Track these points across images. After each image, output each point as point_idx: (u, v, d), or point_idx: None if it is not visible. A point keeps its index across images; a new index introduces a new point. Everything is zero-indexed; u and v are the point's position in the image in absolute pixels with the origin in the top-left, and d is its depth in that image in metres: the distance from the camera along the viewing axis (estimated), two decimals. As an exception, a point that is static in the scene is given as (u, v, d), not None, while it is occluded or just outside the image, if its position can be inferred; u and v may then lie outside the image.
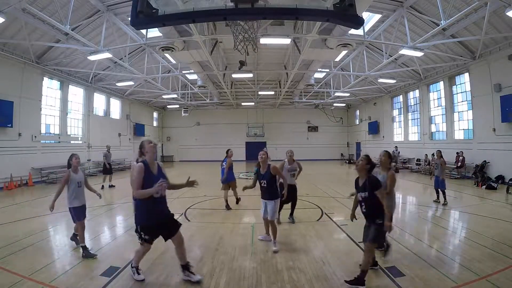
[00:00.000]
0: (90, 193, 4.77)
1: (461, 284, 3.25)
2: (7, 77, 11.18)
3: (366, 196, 3.35)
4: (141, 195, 3.12)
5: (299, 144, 26.20)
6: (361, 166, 3.45)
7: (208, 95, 23.59)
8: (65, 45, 11.33)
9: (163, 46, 11.83)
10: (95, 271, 3.68)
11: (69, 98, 15.40)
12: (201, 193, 9.10)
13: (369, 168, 3.44)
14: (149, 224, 3.27)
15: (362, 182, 3.44)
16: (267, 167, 4.53)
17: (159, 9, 2.44)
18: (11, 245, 4.58)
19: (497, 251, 4.20)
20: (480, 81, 12.40)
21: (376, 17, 11.77)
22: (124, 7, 10.50)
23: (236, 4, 2.48)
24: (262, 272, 3.69)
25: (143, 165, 3.19)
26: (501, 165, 11.19)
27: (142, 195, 3.11)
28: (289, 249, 4.47)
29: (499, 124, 11.33)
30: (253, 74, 17.92)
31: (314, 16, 3.12)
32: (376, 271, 3.63)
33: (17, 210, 7.40)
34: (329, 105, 26.11)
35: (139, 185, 3.14)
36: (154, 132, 26.90)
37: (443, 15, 8.89)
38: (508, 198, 8.55)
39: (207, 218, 6.59)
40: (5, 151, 11.08)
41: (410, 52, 11.17)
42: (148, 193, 3.10)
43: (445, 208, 7.35)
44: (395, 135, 20.64)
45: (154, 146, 3.37)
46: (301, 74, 17.52)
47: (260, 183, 4.58)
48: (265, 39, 11.01)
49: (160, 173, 3.35)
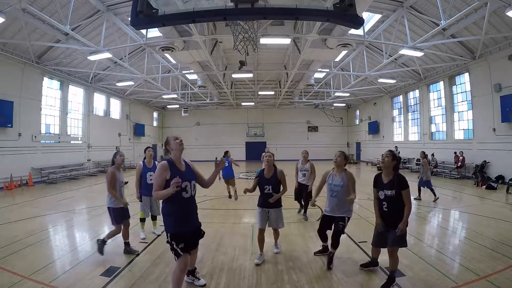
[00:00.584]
0: (90, 193, 4.77)
1: (461, 284, 3.25)
2: (7, 77, 11.18)
3: (392, 194, 3.18)
4: (159, 196, 2.74)
5: (299, 144, 26.14)
6: (387, 163, 3.29)
7: (208, 95, 23.59)
8: (65, 45, 11.33)
9: (163, 46, 11.83)
10: (95, 271, 3.68)
11: (69, 98, 15.39)
12: (201, 193, 9.09)
13: (396, 164, 3.29)
14: (182, 231, 2.81)
15: (388, 180, 3.27)
16: (274, 171, 4.04)
17: (159, 9, 2.43)
18: (11, 245, 4.58)
19: (497, 251, 4.20)
20: (480, 81, 12.40)
21: (376, 17, 11.77)
22: (124, 7, 10.50)
23: (236, 4, 2.48)
24: (262, 272, 3.69)
25: (167, 163, 2.80)
26: (501, 165, 11.19)
27: (160, 196, 2.73)
28: (289, 249, 4.47)
29: (499, 124, 11.34)
30: (253, 74, 17.91)
31: (314, 16, 3.11)
32: (376, 271, 3.63)
33: (17, 210, 7.39)
34: (329, 105, 26.12)
35: (159, 186, 2.73)
36: (154, 132, 26.92)
37: (443, 15, 8.89)
38: (508, 198, 8.55)
39: (207, 218, 6.59)
40: (5, 151, 11.08)
41: (410, 52, 11.16)
42: (165, 195, 2.68)
43: (445, 208, 7.35)
44: (395, 135, 20.65)
45: (181, 142, 2.96)
46: (301, 74, 17.52)
47: (263, 189, 4.01)
48: (265, 39, 11.00)
49: (188, 172, 2.94)
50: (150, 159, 5.11)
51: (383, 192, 3.28)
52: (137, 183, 4.98)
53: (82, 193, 10.08)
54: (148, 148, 5.23)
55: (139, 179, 4.98)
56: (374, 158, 21.24)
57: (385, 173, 3.33)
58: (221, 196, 9.04)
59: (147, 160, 5.11)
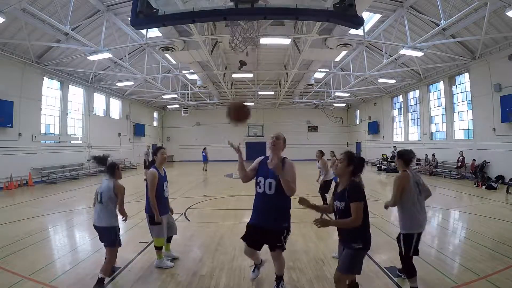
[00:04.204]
0: (90, 193, 4.75)
1: (461, 284, 3.25)
2: (7, 77, 11.18)
3: (342, 207, 2.49)
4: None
5: (299, 144, 26.17)
6: (340, 170, 2.57)
7: (208, 95, 23.59)
8: (65, 45, 11.33)
9: (163, 46, 11.84)
10: (95, 271, 3.67)
11: (69, 98, 15.39)
12: (201, 193, 9.11)
13: (353, 169, 2.56)
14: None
15: (341, 188, 2.58)
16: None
17: (159, 9, 2.44)
18: (11, 245, 4.57)
19: (497, 251, 4.20)
20: (480, 81, 12.39)
21: (376, 17, 11.76)
22: (124, 7, 10.50)
23: (236, 4, 2.48)
24: (262, 272, 3.68)
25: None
26: (501, 165, 11.19)
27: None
28: (289, 249, 4.44)
29: (499, 124, 11.33)
30: (253, 74, 17.92)
31: (314, 16, 3.12)
32: (376, 272, 3.63)
33: (17, 210, 7.39)
34: (329, 105, 26.11)
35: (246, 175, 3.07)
36: (154, 132, 26.92)
37: (443, 15, 8.88)
38: (508, 198, 8.55)
39: (207, 218, 6.60)
40: (5, 151, 11.07)
41: (410, 52, 11.16)
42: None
43: (445, 208, 7.34)
44: (395, 135, 20.64)
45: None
46: (301, 74, 17.52)
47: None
48: (265, 39, 11.00)
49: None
50: (163, 163, 3.87)
51: (335, 203, 2.63)
52: (154, 197, 3.60)
53: (82, 193, 10.10)
54: (161, 150, 3.89)
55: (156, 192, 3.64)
56: (374, 158, 21.23)
57: (341, 181, 2.65)
58: (221, 196, 9.05)
59: (159, 165, 3.82)
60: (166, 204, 3.85)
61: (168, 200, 3.97)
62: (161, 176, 3.76)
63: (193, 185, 12.13)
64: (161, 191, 3.70)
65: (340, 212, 2.52)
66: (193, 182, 13.15)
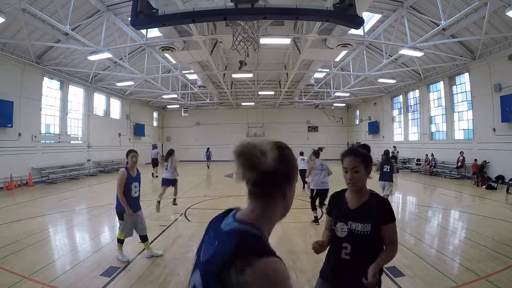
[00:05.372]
0: (90, 193, 4.75)
1: (461, 284, 3.25)
2: (7, 77, 11.18)
3: (367, 232, 1.68)
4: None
5: (299, 144, 25.98)
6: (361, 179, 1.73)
7: (208, 95, 23.59)
8: (65, 45, 11.32)
9: (163, 46, 11.82)
10: (95, 271, 3.68)
11: (69, 98, 15.38)
12: (201, 193, 9.11)
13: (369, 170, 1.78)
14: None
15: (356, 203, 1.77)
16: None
17: (159, 9, 2.44)
18: (11, 245, 4.57)
19: (497, 251, 4.20)
20: (480, 81, 12.39)
21: (376, 17, 11.76)
22: (124, 7, 10.49)
23: (236, 4, 2.48)
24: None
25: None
26: (501, 165, 11.19)
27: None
28: (289, 249, 4.46)
29: (499, 124, 11.33)
30: (253, 74, 17.90)
31: (314, 16, 3.12)
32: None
33: (17, 210, 7.39)
34: (329, 105, 26.11)
35: None
36: (154, 132, 26.92)
37: (443, 15, 8.88)
38: (508, 198, 8.56)
39: (207, 218, 6.56)
40: (5, 151, 11.07)
41: (410, 52, 11.16)
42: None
43: (445, 208, 7.34)
44: (395, 135, 20.64)
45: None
46: (301, 74, 17.51)
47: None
48: (265, 39, 10.98)
49: None
50: (134, 166, 4.15)
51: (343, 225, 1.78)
52: (122, 194, 3.93)
53: (82, 193, 10.08)
54: (132, 153, 4.17)
55: (123, 191, 3.96)
56: (374, 159, 21.17)
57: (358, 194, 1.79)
58: (221, 196, 9.05)
59: (131, 166, 4.14)
60: (134, 204, 4.07)
61: (137, 200, 4.14)
62: (130, 176, 4.06)
63: (193, 185, 12.12)
64: (128, 191, 4.00)
65: (360, 239, 1.69)
66: (193, 182, 13.15)
